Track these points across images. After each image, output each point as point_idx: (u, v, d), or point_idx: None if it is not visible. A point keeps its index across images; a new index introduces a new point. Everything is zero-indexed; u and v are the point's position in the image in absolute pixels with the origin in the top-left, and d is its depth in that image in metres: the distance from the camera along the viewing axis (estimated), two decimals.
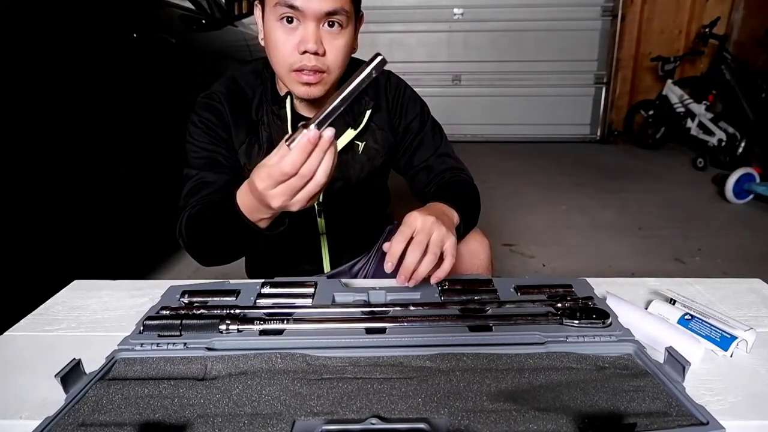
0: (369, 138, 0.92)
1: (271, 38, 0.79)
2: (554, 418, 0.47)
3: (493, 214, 2.59)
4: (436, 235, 0.65)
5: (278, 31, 0.77)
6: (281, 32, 0.77)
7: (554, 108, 4.51)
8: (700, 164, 3.56)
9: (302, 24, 0.75)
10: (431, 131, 0.97)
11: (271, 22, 0.78)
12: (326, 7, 0.74)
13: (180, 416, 0.49)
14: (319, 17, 0.75)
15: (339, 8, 0.75)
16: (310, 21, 0.75)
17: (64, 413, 0.49)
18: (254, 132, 0.89)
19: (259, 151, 0.89)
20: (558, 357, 0.57)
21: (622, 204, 2.85)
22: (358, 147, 0.92)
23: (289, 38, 0.76)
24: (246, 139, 0.88)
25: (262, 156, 0.86)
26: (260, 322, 0.63)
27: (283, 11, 0.75)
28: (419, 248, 0.63)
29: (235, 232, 0.71)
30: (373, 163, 0.93)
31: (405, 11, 4.29)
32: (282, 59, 0.78)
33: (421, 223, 0.66)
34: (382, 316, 0.65)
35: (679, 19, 4.26)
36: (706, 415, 0.47)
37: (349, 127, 0.89)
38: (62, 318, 0.73)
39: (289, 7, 0.74)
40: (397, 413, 0.49)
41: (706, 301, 0.75)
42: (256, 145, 0.89)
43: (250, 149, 0.88)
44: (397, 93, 0.95)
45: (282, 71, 0.80)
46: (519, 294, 0.71)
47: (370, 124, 0.91)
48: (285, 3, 0.73)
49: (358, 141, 0.91)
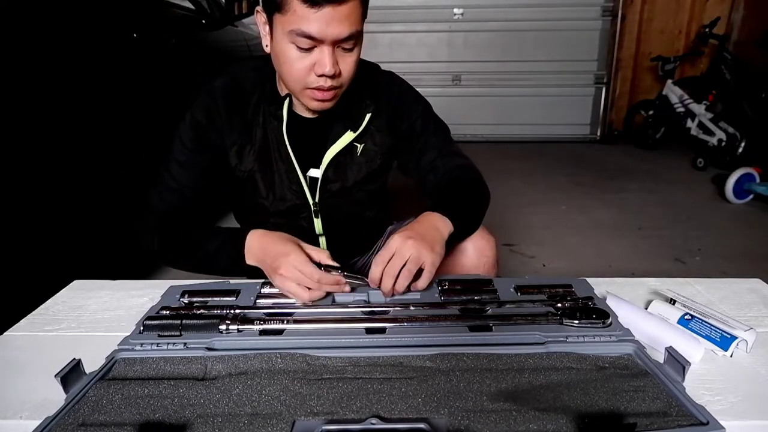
0: (368, 140, 0.91)
1: (284, 55, 0.77)
2: (554, 417, 0.47)
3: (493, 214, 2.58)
4: (414, 255, 0.70)
5: (293, 50, 0.75)
6: (295, 52, 0.75)
7: (554, 108, 4.51)
8: (700, 164, 3.55)
9: (318, 47, 0.74)
10: (435, 132, 0.95)
11: (283, 41, 0.75)
12: (344, 33, 0.73)
13: (180, 416, 0.49)
14: (336, 43, 0.74)
15: (355, 32, 0.74)
16: (326, 46, 0.74)
17: (64, 413, 0.49)
18: (248, 132, 0.88)
19: (251, 150, 0.88)
20: (558, 357, 0.57)
21: (622, 204, 2.85)
22: (357, 149, 0.91)
23: (304, 59, 0.75)
24: (239, 140, 0.88)
25: (253, 156, 0.88)
26: (260, 322, 0.63)
27: (299, 38, 0.73)
28: (392, 273, 0.69)
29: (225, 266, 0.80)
30: (371, 165, 0.93)
31: (405, 11, 4.28)
32: (297, 78, 0.77)
33: (399, 245, 0.70)
34: (382, 316, 0.66)
35: (679, 19, 4.26)
36: (706, 415, 0.47)
37: (348, 130, 0.88)
38: (62, 318, 0.73)
39: (306, 37, 0.72)
40: (397, 413, 0.49)
41: (706, 301, 0.74)
42: (248, 146, 0.88)
43: (242, 150, 0.88)
44: (399, 94, 0.94)
45: (295, 88, 0.80)
46: (519, 294, 0.71)
47: (370, 127, 0.90)
48: (302, 34, 0.72)
49: (357, 143, 0.90)
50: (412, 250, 0.70)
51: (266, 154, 0.89)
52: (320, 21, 0.70)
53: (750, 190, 2.81)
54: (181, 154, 0.86)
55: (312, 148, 0.89)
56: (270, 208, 0.91)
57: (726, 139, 3.47)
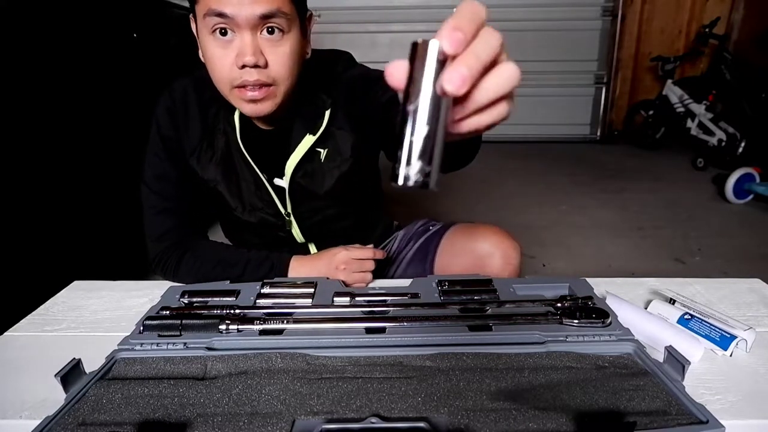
0: (330, 144, 0.83)
1: (206, 54, 0.71)
2: (554, 417, 0.47)
3: (493, 214, 2.59)
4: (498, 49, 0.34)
5: (212, 45, 0.70)
6: (216, 46, 0.69)
7: (554, 108, 4.51)
8: (700, 164, 3.55)
9: (237, 34, 0.68)
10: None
11: (204, 36, 0.70)
12: (259, 10, 0.66)
13: (180, 415, 0.49)
14: (254, 24, 0.67)
15: (275, 10, 0.67)
16: (245, 30, 0.67)
17: (64, 412, 0.49)
18: (209, 138, 0.83)
19: (213, 158, 0.83)
20: (558, 356, 0.57)
21: (622, 204, 2.85)
22: (320, 154, 0.83)
23: (226, 52, 0.69)
24: (198, 145, 0.83)
25: (215, 165, 0.83)
26: (260, 322, 0.63)
27: (214, 22, 0.67)
28: (478, 53, 0.31)
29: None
30: (341, 170, 0.84)
31: (405, 11, 4.28)
32: (221, 76, 0.71)
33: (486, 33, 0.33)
34: (381, 315, 0.65)
35: (679, 19, 4.26)
36: (706, 414, 0.47)
37: (307, 133, 0.81)
38: (62, 318, 0.73)
39: (219, 15, 0.66)
40: (396, 412, 0.49)
41: (705, 300, 0.75)
42: (210, 152, 0.83)
43: (203, 156, 0.83)
44: (355, 80, 0.82)
45: (224, 89, 0.73)
46: (518, 294, 0.71)
47: (330, 128, 0.82)
48: (213, 12, 0.66)
49: (319, 149, 0.83)
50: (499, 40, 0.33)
51: (230, 163, 0.84)
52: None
53: (750, 190, 2.81)
54: (156, 167, 0.84)
55: (274, 156, 0.83)
56: (242, 218, 0.87)
57: (726, 139, 3.48)
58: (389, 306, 0.67)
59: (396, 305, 0.67)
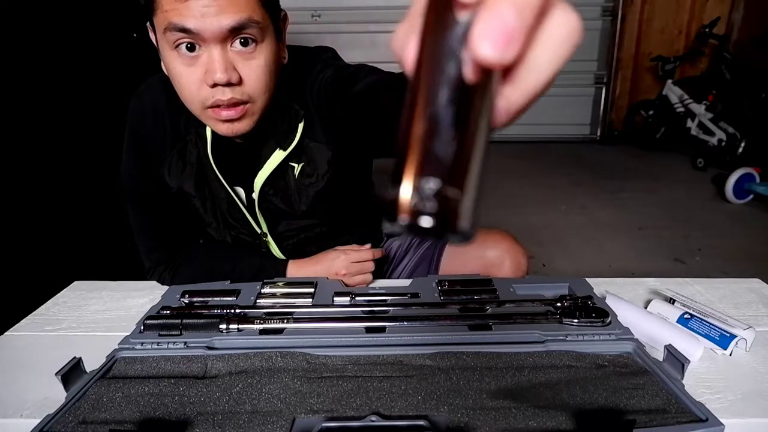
0: (305, 158, 0.75)
1: (170, 72, 0.63)
2: (553, 415, 0.47)
3: (492, 214, 2.59)
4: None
5: (177, 62, 0.61)
6: (181, 64, 0.60)
7: (554, 108, 4.50)
8: (700, 164, 3.55)
9: (205, 49, 0.59)
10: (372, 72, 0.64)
11: (166, 51, 0.61)
12: (227, 22, 0.57)
13: (180, 414, 0.49)
14: (223, 37, 0.58)
15: (245, 20, 0.58)
16: (213, 45, 0.59)
17: (65, 411, 0.49)
18: (182, 147, 0.76)
19: (184, 169, 0.76)
20: (557, 355, 0.57)
21: (621, 204, 2.85)
22: (294, 170, 0.76)
23: (193, 70, 0.60)
24: (170, 155, 0.76)
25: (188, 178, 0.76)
26: (260, 322, 0.63)
27: (176, 38, 0.58)
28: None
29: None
30: (317, 187, 0.76)
31: (405, 11, 4.28)
32: (190, 97, 0.63)
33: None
34: (381, 315, 0.66)
35: (679, 19, 4.26)
36: (705, 412, 0.47)
37: (278, 148, 0.73)
38: (62, 318, 0.73)
39: (182, 31, 0.57)
40: (396, 411, 0.49)
41: (705, 300, 0.75)
42: (181, 164, 0.76)
43: (176, 166, 0.77)
44: (329, 82, 0.70)
45: (195, 110, 0.65)
46: (518, 293, 0.71)
47: (304, 140, 0.74)
48: (174, 27, 0.57)
49: (293, 163, 0.75)
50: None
51: (203, 177, 0.78)
52: (193, 8, 0.56)
53: (750, 190, 2.81)
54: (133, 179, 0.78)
55: (245, 171, 0.77)
56: (216, 236, 0.83)
57: (726, 139, 3.47)
58: (389, 305, 0.68)
59: (396, 305, 0.68)
